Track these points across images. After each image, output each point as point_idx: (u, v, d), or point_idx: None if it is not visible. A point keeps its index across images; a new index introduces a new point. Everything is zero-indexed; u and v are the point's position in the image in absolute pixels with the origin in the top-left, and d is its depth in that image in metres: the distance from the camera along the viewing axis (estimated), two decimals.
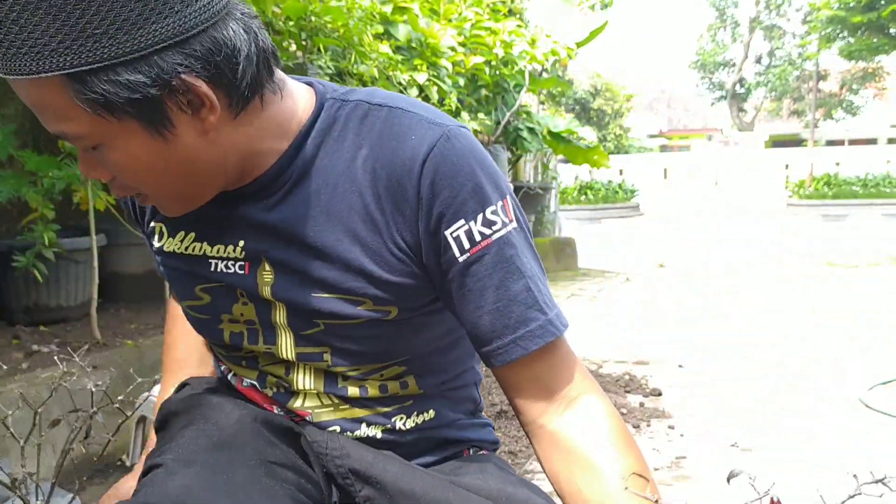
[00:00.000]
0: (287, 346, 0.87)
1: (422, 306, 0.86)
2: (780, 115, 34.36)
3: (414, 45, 4.04)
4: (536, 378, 0.83)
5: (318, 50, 3.09)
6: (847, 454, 2.32)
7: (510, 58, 5.34)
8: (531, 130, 6.18)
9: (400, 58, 3.72)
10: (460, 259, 0.80)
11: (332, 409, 0.90)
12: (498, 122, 5.66)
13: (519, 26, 5.43)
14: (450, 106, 4.15)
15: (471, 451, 0.98)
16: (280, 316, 0.86)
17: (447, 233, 0.79)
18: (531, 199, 7.28)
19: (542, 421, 0.83)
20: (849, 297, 5.39)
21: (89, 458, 1.95)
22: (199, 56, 0.69)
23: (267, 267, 0.84)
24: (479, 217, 0.79)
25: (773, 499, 0.60)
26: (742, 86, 34.25)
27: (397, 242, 0.81)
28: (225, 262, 0.86)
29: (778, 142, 29.53)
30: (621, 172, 20.36)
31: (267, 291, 0.84)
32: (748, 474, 0.60)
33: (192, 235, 0.88)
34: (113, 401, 0.95)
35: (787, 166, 20.41)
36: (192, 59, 0.69)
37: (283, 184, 0.82)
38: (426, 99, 3.88)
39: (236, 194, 0.83)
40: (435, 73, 4.08)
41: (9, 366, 2.22)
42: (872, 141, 27.44)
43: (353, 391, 0.89)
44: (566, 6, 6.72)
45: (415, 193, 0.78)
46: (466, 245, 0.79)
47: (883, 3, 18.32)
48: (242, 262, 0.85)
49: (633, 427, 2.63)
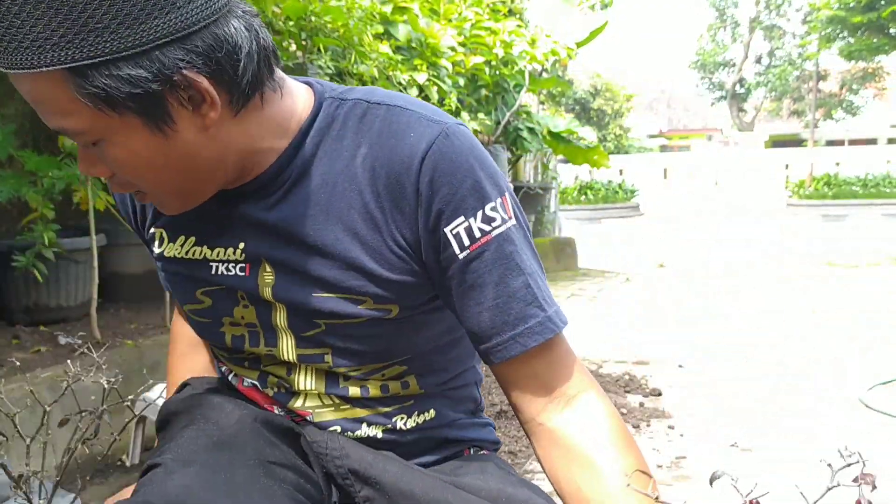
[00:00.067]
0: (288, 349, 0.87)
1: (422, 304, 0.86)
2: (780, 115, 34.36)
3: (414, 45, 4.04)
4: (535, 375, 0.83)
5: (318, 50, 3.09)
6: (846, 454, 2.32)
7: (510, 58, 5.34)
8: (531, 130, 6.18)
9: (400, 58, 3.72)
10: (460, 256, 0.80)
11: (332, 409, 0.90)
12: (498, 122, 5.66)
13: (519, 26, 5.44)
14: (450, 106, 4.15)
15: (471, 451, 0.98)
16: (280, 318, 0.86)
17: (447, 230, 0.79)
18: (531, 199, 7.28)
19: (541, 419, 0.83)
20: (849, 297, 5.38)
21: (90, 458, 1.95)
22: (200, 52, 0.69)
23: (267, 268, 0.84)
24: (479, 214, 0.79)
25: (754, 500, 0.60)
26: (742, 86, 34.24)
27: (397, 240, 0.81)
28: (226, 264, 0.86)
29: (778, 142, 29.52)
30: (621, 172, 20.36)
31: (268, 292, 0.84)
32: (730, 475, 0.60)
33: (192, 240, 0.88)
34: (123, 398, 0.95)
35: (787, 166, 20.41)
36: (193, 54, 0.69)
37: (283, 183, 0.82)
38: (426, 99, 3.88)
39: (236, 193, 0.83)
40: (435, 73, 4.08)
41: (9, 366, 2.22)
42: (872, 141, 27.44)
43: (355, 391, 0.89)
44: (566, 6, 6.72)
45: (414, 191, 0.78)
46: (466, 242, 0.79)
47: (883, 3, 18.32)
48: (243, 264, 0.85)
49: (633, 427, 2.63)
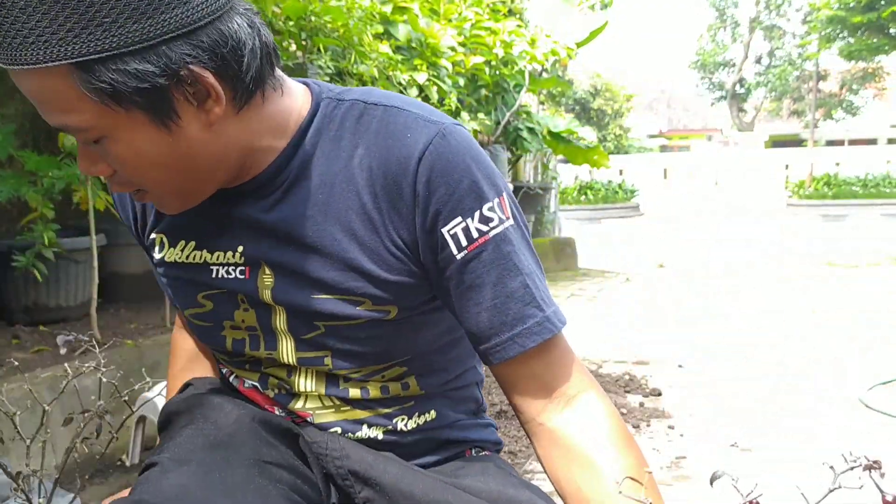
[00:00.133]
0: (288, 352, 0.87)
1: (421, 305, 0.86)
2: (780, 115, 34.36)
3: (414, 45, 4.04)
4: (534, 376, 0.83)
5: (318, 50, 3.09)
6: (847, 454, 2.32)
7: (510, 58, 5.34)
8: (531, 130, 6.18)
9: (400, 58, 3.72)
10: (458, 256, 0.80)
11: (333, 410, 0.90)
12: (498, 122, 5.66)
13: (519, 26, 5.44)
14: (450, 106, 4.15)
15: (473, 452, 0.98)
16: (280, 321, 0.86)
17: (444, 230, 0.79)
18: (531, 199, 7.27)
19: (541, 419, 0.83)
20: (849, 297, 5.38)
21: (90, 458, 1.95)
22: (206, 47, 0.70)
23: (267, 270, 0.84)
24: (476, 214, 0.79)
25: (753, 500, 0.60)
26: (742, 86, 34.24)
27: (395, 241, 0.81)
28: (226, 267, 0.86)
29: (778, 142, 29.52)
30: (621, 172, 20.35)
31: (267, 295, 0.84)
32: (731, 476, 0.60)
33: (192, 244, 0.88)
34: (121, 394, 0.95)
35: (787, 166, 20.41)
36: (199, 49, 0.69)
37: (281, 183, 0.82)
38: (426, 99, 3.87)
39: (235, 192, 0.83)
40: (435, 73, 4.08)
41: (9, 366, 2.22)
42: (872, 141, 27.43)
43: (355, 393, 0.89)
44: (566, 6, 6.72)
45: (411, 191, 0.78)
46: (464, 242, 0.79)
47: (883, 3, 18.33)
48: (243, 267, 0.85)
49: (633, 427, 2.63)
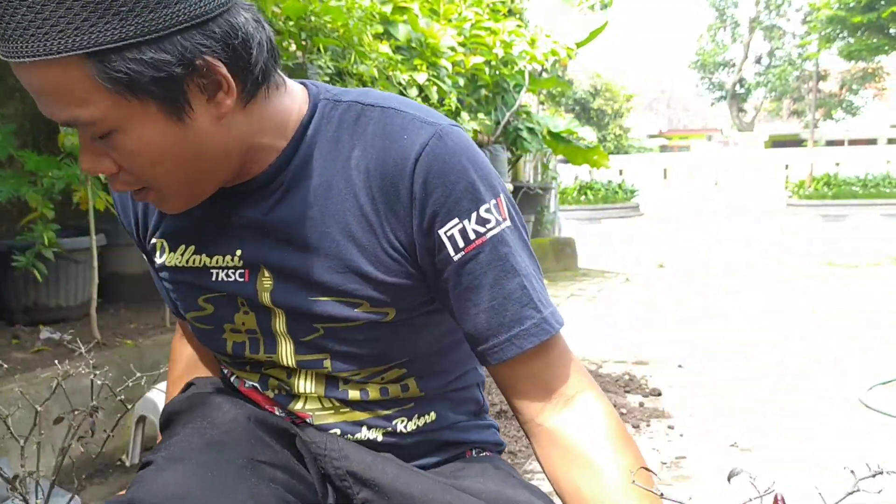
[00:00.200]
0: (287, 354, 0.88)
1: (419, 306, 0.86)
2: (780, 115, 34.36)
3: (414, 45, 4.04)
4: (532, 376, 0.83)
5: (318, 50, 3.09)
6: (847, 454, 2.32)
7: (510, 58, 5.34)
8: (531, 130, 6.18)
9: (400, 58, 3.71)
10: (455, 258, 0.80)
11: (332, 411, 0.90)
12: (498, 122, 5.66)
13: (519, 26, 5.43)
14: (449, 106, 4.15)
15: (473, 453, 0.98)
16: (279, 324, 0.86)
17: (441, 232, 0.79)
18: (531, 199, 7.27)
19: (540, 419, 0.83)
20: (849, 297, 5.38)
21: (89, 458, 1.95)
22: (218, 38, 0.71)
23: (266, 273, 0.84)
24: (473, 215, 0.79)
25: (778, 496, 0.60)
26: (742, 86, 34.24)
27: (392, 242, 0.81)
28: (225, 270, 0.86)
29: (778, 142, 29.51)
30: (621, 172, 20.34)
31: (266, 298, 0.85)
32: (748, 473, 0.60)
33: (192, 248, 0.88)
34: (115, 393, 0.95)
35: (786, 166, 20.39)
36: (212, 40, 0.70)
37: (280, 185, 0.82)
38: (426, 99, 3.87)
39: (235, 193, 0.84)
40: (435, 73, 4.08)
41: (9, 365, 2.22)
42: (872, 141, 27.42)
43: (354, 394, 0.89)
44: (566, 6, 6.72)
45: (408, 193, 0.78)
46: (461, 244, 0.79)
47: (883, 3, 18.32)
48: (242, 270, 0.85)
49: (633, 427, 2.63)
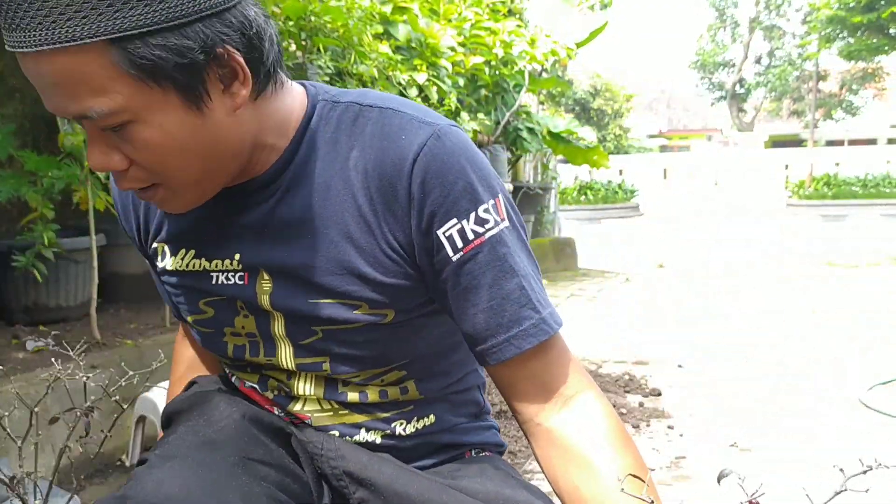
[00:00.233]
0: (287, 357, 0.88)
1: (418, 307, 0.86)
2: (780, 115, 34.35)
3: (414, 45, 4.04)
4: (531, 377, 0.83)
5: (318, 50, 3.09)
6: (847, 454, 2.32)
7: (510, 58, 5.34)
8: (531, 130, 6.17)
9: (400, 58, 3.71)
10: (454, 258, 0.80)
11: (331, 413, 0.90)
12: (498, 123, 5.66)
13: (519, 26, 5.43)
14: (449, 106, 4.15)
15: (472, 453, 0.98)
16: (279, 327, 0.86)
17: (439, 232, 0.79)
18: (531, 199, 7.27)
19: (539, 419, 0.83)
20: (849, 297, 5.38)
21: (90, 458, 1.95)
22: (235, 27, 0.71)
23: (265, 276, 0.84)
24: (472, 216, 0.79)
25: (753, 500, 0.60)
26: (742, 86, 34.23)
27: (390, 243, 0.81)
28: (225, 274, 0.86)
29: (778, 142, 29.50)
30: (621, 172, 20.33)
31: (265, 300, 0.85)
32: (737, 474, 0.60)
33: (192, 252, 0.88)
34: (109, 394, 0.95)
35: (786, 166, 20.38)
36: (230, 29, 0.71)
37: (280, 186, 0.83)
38: (426, 99, 3.87)
39: (236, 192, 0.83)
40: (435, 73, 4.08)
41: (8, 365, 2.22)
42: (872, 141, 27.41)
43: (353, 397, 0.89)
44: (566, 6, 6.72)
45: (406, 193, 0.78)
46: (459, 244, 0.79)
47: (883, 3, 18.31)
48: (241, 273, 0.86)
49: (633, 427, 2.63)
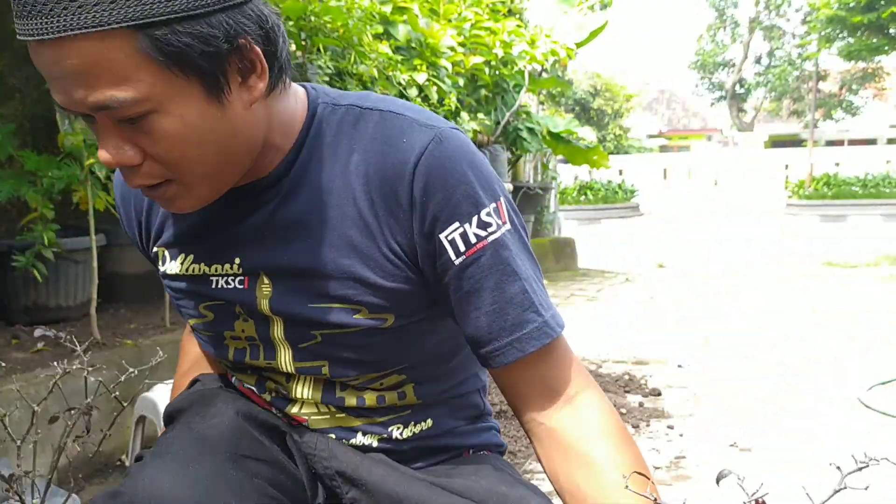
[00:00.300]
0: (286, 361, 0.88)
1: (418, 311, 0.85)
2: (780, 115, 34.33)
3: (413, 45, 4.04)
4: (534, 379, 0.83)
5: (318, 50, 3.09)
6: (847, 454, 2.32)
7: (510, 58, 5.34)
8: (531, 130, 6.17)
9: (399, 58, 3.71)
10: (456, 262, 0.80)
11: (328, 417, 0.91)
12: (497, 123, 5.65)
13: (518, 26, 5.43)
14: (449, 106, 4.15)
15: (470, 452, 0.98)
16: (278, 331, 0.86)
17: (442, 236, 0.79)
18: (531, 199, 7.26)
19: (541, 419, 0.84)
20: (849, 297, 5.38)
21: (89, 458, 1.95)
22: (254, 20, 0.72)
23: (265, 280, 0.84)
24: (474, 219, 0.79)
25: (759, 499, 0.60)
26: (742, 86, 34.22)
27: (391, 247, 0.81)
28: (225, 278, 0.86)
29: (777, 142, 29.49)
30: (621, 172, 20.31)
31: (265, 304, 0.85)
32: (737, 475, 0.60)
33: (191, 256, 0.88)
34: (110, 390, 0.95)
35: (786, 166, 20.35)
36: (249, 21, 0.71)
37: (281, 189, 0.82)
38: (426, 99, 3.87)
39: (239, 194, 0.83)
40: (434, 73, 4.08)
41: (8, 365, 2.22)
42: (872, 141, 27.40)
43: (351, 401, 0.89)
44: (566, 6, 6.72)
45: (408, 197, 0.78)
46: (462, 247, 0.79)
47: (883, 3, 18.30)
48: (241, 277, 0.85)
49: (633, 427, 2.63)
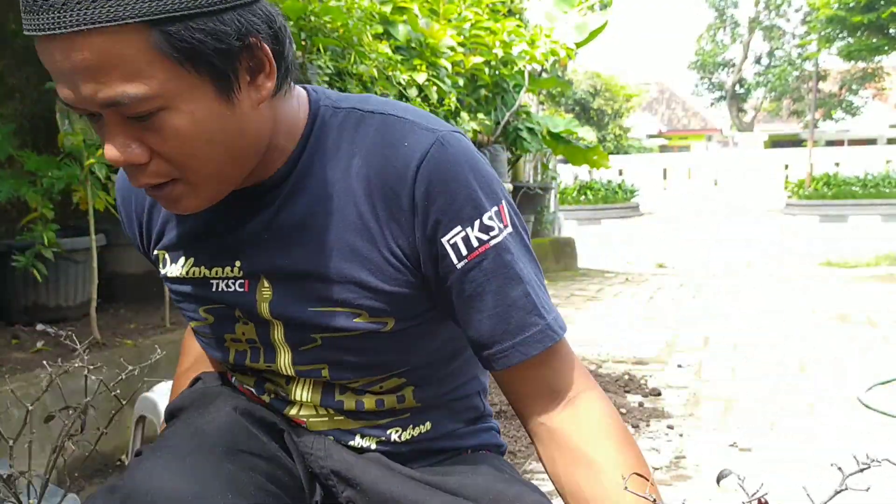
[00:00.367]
0: (286, 364, 0.88)
1: (418, 315, 0.85)
2: (780, 115, 34.32)
3: (413, 45, 4.04)
4: (536, 381, 0.84)
5: (318, 50, 3.09)
6: (846, 454, 2.32)
7: (510, 58, 5.34)
8: (531, 130, 6.17)
9: (399, 58, 3.72)
10: (458, 266, 0.80)
11: (327, 419, 0.91)
12: (497, 123, 5.65)
13: (518, 26, 5.43)
14: (449, 106, 4.15)
15: (469, 452, 0.97)
16: (278, 333, 0.86)
17: (444, 240, 0.79)
18: (531, 199, 7.26)
19: (542, 420, 0.84)
20: (849, 297, 5.38)
21: (89, 458, 1.95)
22: (263, 19, 0.72)
23: (265, 283, 0.84)
24: (476, 223, 0.79)
25: (761, 499, 0.60)
26: (741, 86, 34.22)
27: (393, 251, 0.81)
28: (225, 281, 0.86)
29: (777, 142, 29.50)
30: (621, 172, 20.29)
31: (265, 308, 0.85)
32: (737, 475, 0.60)
33: (192, 260, 0.88)
34: (109, 388, 0.95)
35: (786, 166, 20.34)
36: (259, 20, 0.72)
37: (282, 192, 0.82)
38: (425, 99, 3.87)
39: (241, 196, 0.83)
40: (434, 73, 4.08)
41: (8, 365, 2.22)
42: (872, 141, 27.40)
43: (350, 404, 0.89)
44: (566, 6, 6.71)
45: (409, 201, 0.78)
46: (464, 251, 0.79)
47: (883, 3, 18.28)
48: (242, 280, 0.85)
49: (633, 427, 2.63)
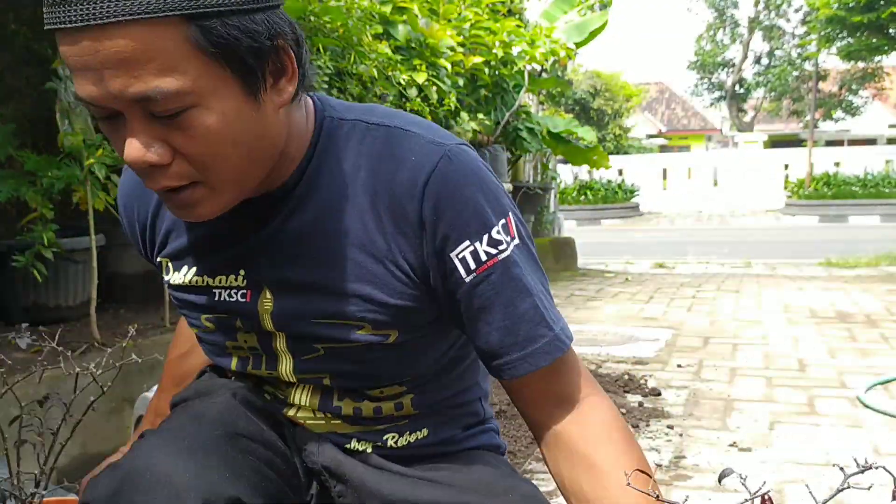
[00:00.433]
0: (287, 371, 0.88)
1: (421, 327, 0.86)
2: (780, 115, 34.31)
3: (413, 45, 4.04)
4: (544, 389, 0.85)
5: (318, 50, 3.09)
6: (846, 454, 2.32)
7: (509, 58, 5.34)
8: (530, 130, 6.17)
9: (399, 58, 3.72)
10: (467, 279, 0.80)
11: (324, 422, 0.91)
12: (497, 123, 5.65)
13: (518, 26, 5.44)
14: (449, 106, 4.15)
15: (465, 451, 0.97)
16: (280, 343, 0.87)
17: (452, 255, 0.79)
18: (531, 199, 7.26)
19: (547, 424, 0.85)
20: (848, 297, 5.39)
21: (88, 458, 1.95)
22: (288, 23, 0.73)
23: (268, 294, 0.84)
24: (485, 237, 0.79)
25: (766, 496, 0.60)
26: (741, 86, 34.21)
27: (399, 265, 0.81)
28: (228, 290, 0.86)
29: (777, 142, 29.50)
30: (621, 172, 20.30)
31: (267, 318, 0.85)
32: (739, 474, 0.60)
33: (195, 269, 0.88)
34: (103, 388, 0.95)
35: (786, 166, 20.35)
36: (284, 23, 0.73)
37: (288, 203, 0.82)
38: (425, 99, 3.87)
39: (246, 206, 0.82)
40: (434, 73, 4.08)
41: (7, 366, 2.21)
42: (872, 141, 27.41)
43: (347, 410, 0.90)
44: (566, 6, 6.71)
45: (417, 216, 0.78)
46: (472, 265, 0.79)
47: (883, 3, 18.27)
48: (244, 290, 0.86)
49: (633, 427, 2.63)
